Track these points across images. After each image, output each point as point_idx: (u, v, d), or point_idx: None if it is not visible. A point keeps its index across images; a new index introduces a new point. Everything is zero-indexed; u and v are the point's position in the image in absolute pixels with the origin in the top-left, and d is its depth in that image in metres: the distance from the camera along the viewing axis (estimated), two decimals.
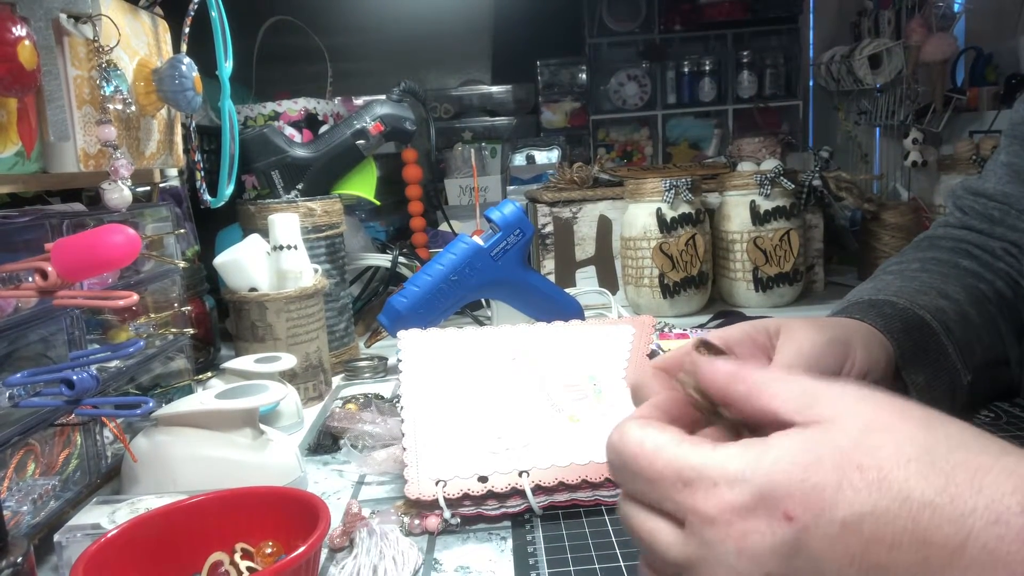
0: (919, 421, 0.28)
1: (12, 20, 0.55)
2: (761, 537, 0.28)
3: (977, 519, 0.25)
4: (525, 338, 0.73)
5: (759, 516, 0.28)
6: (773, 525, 0.28)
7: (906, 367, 0.49)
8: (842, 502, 0.27)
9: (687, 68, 2.03)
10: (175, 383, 0.85)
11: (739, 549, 0.28)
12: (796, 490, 0.28)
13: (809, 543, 0.27)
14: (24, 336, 0.61)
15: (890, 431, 0.28)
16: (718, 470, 0.29)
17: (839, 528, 0.27)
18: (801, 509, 0.27)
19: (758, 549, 0.28)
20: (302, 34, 1.59)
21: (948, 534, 0.25)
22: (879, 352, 0.47)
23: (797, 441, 0.29)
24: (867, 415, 0.29)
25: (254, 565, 0.49)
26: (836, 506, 0.27)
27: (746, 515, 0.28)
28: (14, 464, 0.58)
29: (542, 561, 0.54)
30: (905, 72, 1.53)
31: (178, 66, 0.74)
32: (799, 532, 0.27)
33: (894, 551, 0.26)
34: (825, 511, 0.27)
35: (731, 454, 0.29)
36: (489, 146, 1.89)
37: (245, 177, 1.19)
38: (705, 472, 0.29)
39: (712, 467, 0.29)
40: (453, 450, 0.62)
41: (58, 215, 0.65)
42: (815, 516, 0.27)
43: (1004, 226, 0.63)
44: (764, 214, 1.24)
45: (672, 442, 0.31)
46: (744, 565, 0.28)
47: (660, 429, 0.32)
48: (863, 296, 0.55)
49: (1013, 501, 0.25)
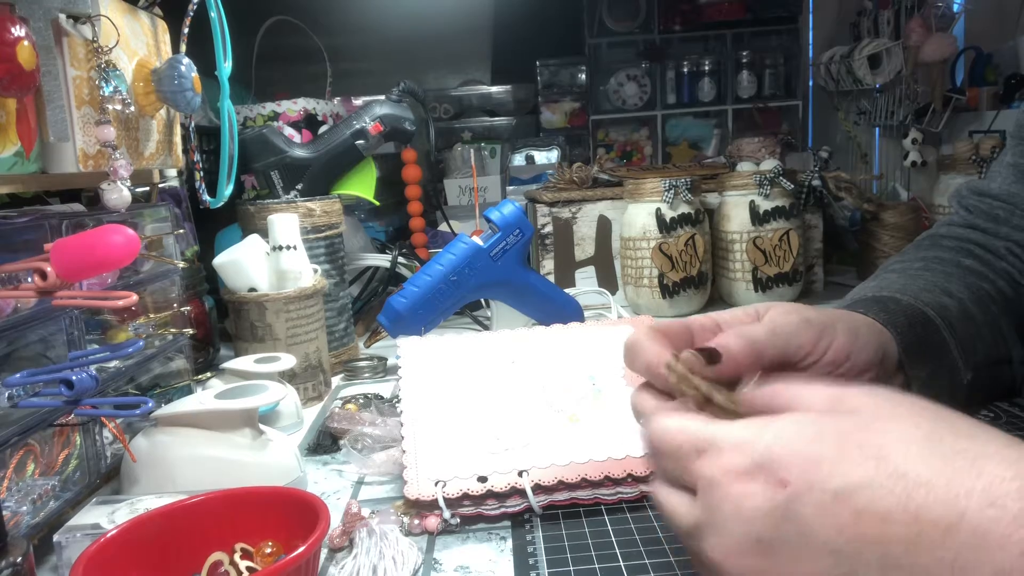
0: (930, 414, 0.29)
1: (11, 20, 0.55)
2: (756, 500, 0.29)
3: (972, 501, 0.25)
4: (525, 342, 0.73)
5: (757, 480, 0.30)
6: (768, 489, 0.29)
7: (909, 361, 0.49)
8: (837, 474, 0.28)
9: (687, 68, 2.03)
10: (175, 383, 0.85)
11: (735, 510, 0.30)
12: (795, 459, 0.29)
13: (800, 510, 0.28)
14: (23, 336, 0.61)
15: (898, 420, 0.29)
16: (727, 438, 0.31)
17: (831, 497, 0.28)
18: (796, 476, 0.29)
19: (751, 512, 0.29)
20: (302, 34, 1.59)
21: (941, 513, 0.26)
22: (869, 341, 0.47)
23: (805, 420, 0.30)
24: (883, 408, 0.30)
25: (254, 565, 0.49)
26: (831, 476, 0.28)
27: (745, 479, 0.30)
28: (14, 464, 0.58)
29: (542, 561, 0.54)
30: (904, 72, 1.53)
31: (177, 66, 0.74)
32: (791, 498, 0.29)
33: (886, 524, 0.27)
34: (819, 480, 0.28)
35: (742, 425, 0.32)
36: (489, 146, 1.89)
37: (244, 177, 1.19)
38: (715, 441, 0.32)
39: (722, 436, 0.32)
40: (452, 451, 0.62)
41: (57, 215, 0.65)
42: (808, 484, 0.28)
43: (1009, 226, 0.63)
44: (764, 214, 1.24)
45: (695, 422, 0.34)
46: (738, 527, 0.30)
47: (688, 415, 0.35)
48: (866, 293, 0.55)
49: (1012, 487, 0.25)
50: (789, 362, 0.43)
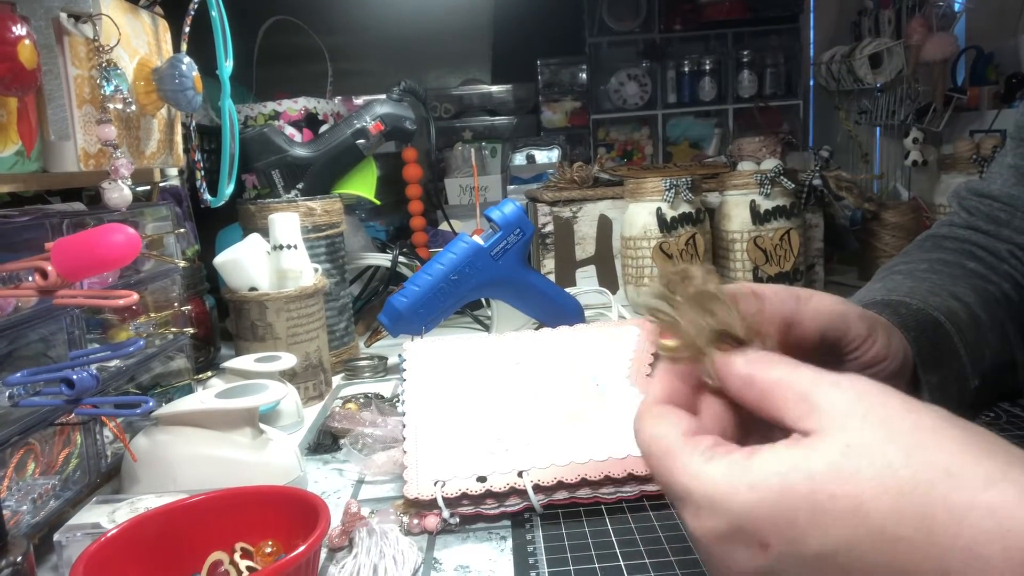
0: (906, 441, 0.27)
1: (12, 19, 0.55)
2: (740, 563, 0.29)
3: (955, 560, 0.25)
4: (530, 343, 0.73)
5: (738, 543, 0.29)
6: (751, 552, 0.29)
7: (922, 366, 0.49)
8: (814, 534, 0.27)
9: (687, 68, 2.03)
10: (175, 382, 0.85)
11: (727, 568, 0.30)
12: (769, 520, 0.28)
13: (788, 571, 0.28)
14: (24, 335, 0.61)
15: (870, 455, 0.27)
16: (702, 496, 0.30)
17: (814, 558, 0.27)
18: (775, 538, 0.28)
19: (743, 570, 0.29)
20: (302, 34, 1.59)
21: (927, 569, 0.25)
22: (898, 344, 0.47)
23: (775, 464, 0.28)
24: (853, 432, 0.28)
25: (254, 564, 0.49)
26: (808, 537, 0.27)
27: (726, 541, 0.29)
28: (14, 463, 0.58)
29: (542, 561, 0.54)
30: (905, 71, 1.53)
31: (178, 65, 0.74)
32: (775, 560, 0.28)
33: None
34: (798, 541, 0.27)
35: (716, 477, 0.30)
36: (489, 146, 1.89)
37: (245, 176, 1.19)
38: (691, 497, 0.30)
39: (697, 492, 0.30)
40: (453, 451, 0.62)
41: (58, 214, 0.65)
42: (788, 545, 0.28)
43: (1010, 228, 0.62)
44: (764, 214, 1.24)
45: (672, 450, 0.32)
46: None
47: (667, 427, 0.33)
48: (875, 296, 0.55)
49: (994, 549, 0.24)
50: (836, 350, 0.42)
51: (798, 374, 0.31)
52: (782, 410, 0.30)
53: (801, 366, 0.31)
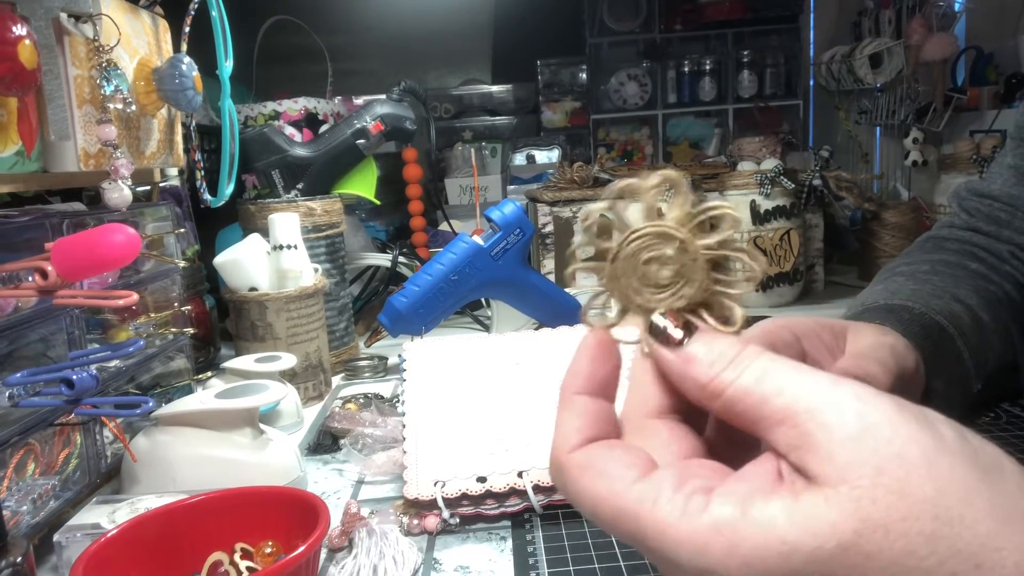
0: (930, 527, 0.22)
1: (12, 19, 0.55)
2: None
3: None
4: (529, 343, 0.73)
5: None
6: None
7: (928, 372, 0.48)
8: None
9: (687, 68, 2.03)
10: (175, 383, 0.85)
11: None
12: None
13: None
14: (24, 336, 0.61)
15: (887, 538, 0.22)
16: (679, 554, 0.24)
17: None
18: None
19: None
20: (302, 34, 1.59)
21: None
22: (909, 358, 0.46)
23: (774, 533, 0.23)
24: (865, 501, 0.22)
25: (254, 565, 0.49)
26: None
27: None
28: (14, 464, 0.58)
29: (542, 561, 0.54)
30: (905, 72, 1.53)
31: (178, 65, 0.74)
32: None
33: None
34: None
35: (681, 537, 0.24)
36: (489, 146, 1.88)
37: (245, 176, 1.19)
38: (664, 553, 0.25)
39: (673, 552, 0.25)
40: (453, 451, 0.62)
41: (58, 214, 0.65)
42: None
43: (1011, 229, 0.62)
44: (764, 213, 1.24)
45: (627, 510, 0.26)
46: None
47: (609, 482, 0.27)
48: (877, 300, 0.54)
49: None
50: None
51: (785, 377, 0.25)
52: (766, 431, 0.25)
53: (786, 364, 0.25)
